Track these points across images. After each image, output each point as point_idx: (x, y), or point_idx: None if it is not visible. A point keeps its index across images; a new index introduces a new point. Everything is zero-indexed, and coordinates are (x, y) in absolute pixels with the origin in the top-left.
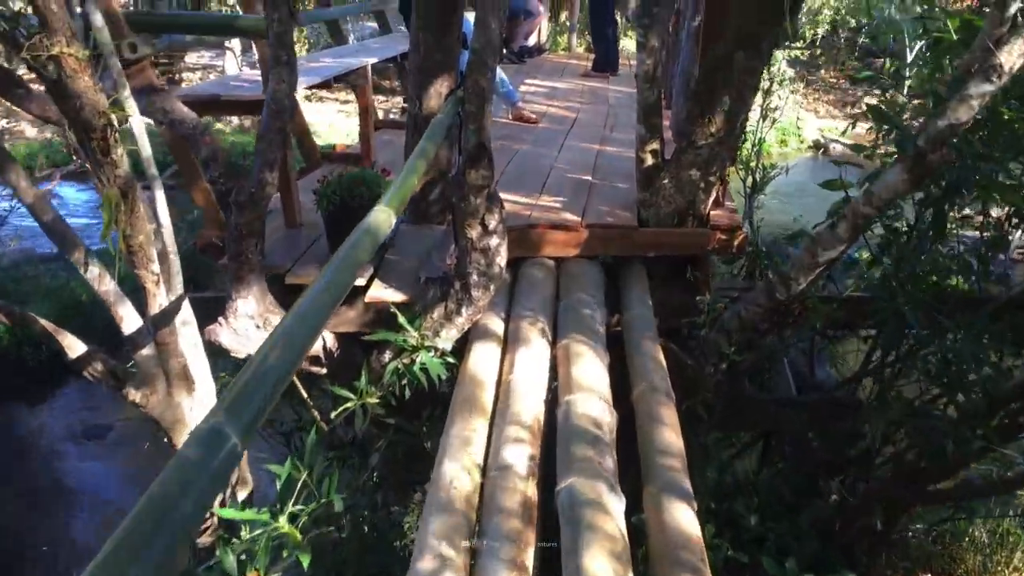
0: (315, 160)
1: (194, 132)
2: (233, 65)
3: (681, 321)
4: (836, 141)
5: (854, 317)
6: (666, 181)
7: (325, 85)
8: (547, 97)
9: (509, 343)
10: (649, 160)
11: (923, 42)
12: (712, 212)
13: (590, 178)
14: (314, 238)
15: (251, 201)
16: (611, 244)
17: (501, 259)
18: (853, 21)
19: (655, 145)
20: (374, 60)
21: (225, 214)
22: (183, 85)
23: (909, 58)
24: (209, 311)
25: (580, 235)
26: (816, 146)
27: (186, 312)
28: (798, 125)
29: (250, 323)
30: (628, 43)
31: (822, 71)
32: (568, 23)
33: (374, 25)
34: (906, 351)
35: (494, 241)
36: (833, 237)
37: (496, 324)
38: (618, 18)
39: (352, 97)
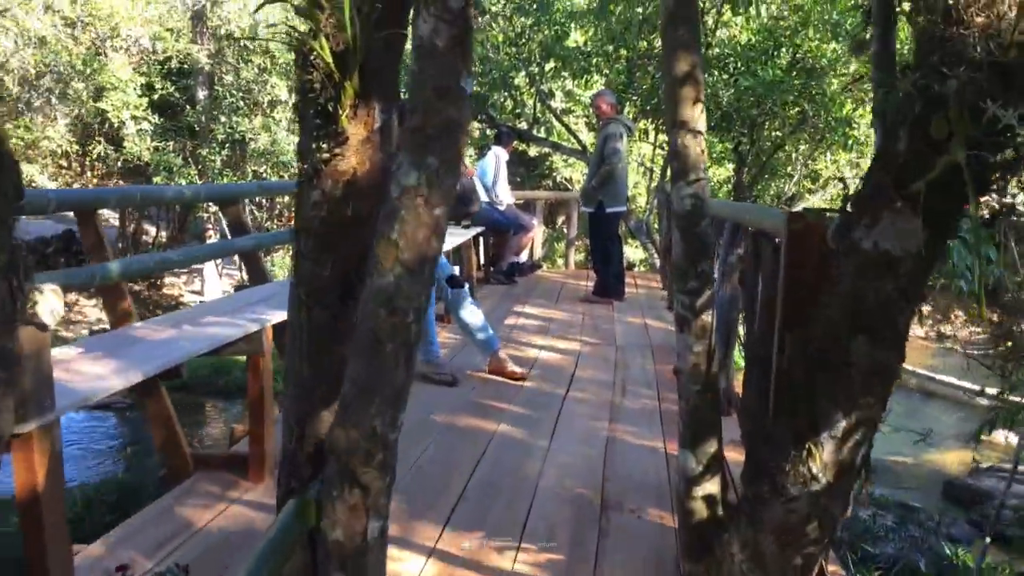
0: (182, 468)
1: None
2: (213, 275)
3: None
4: None
5: None
6: (734, 550)
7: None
8: (540, 332)
9: None
10: (702, 512)
11: None
12: None
13: (598, 499)
14: None
15: None
16: None
17: None
18: None
19: (712, 488)
20: (284, 317)
21: None
22: (158, 312)
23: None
24: None
25: None
26: None
27: None
28: None
29: None
30: (631, 251)
31: None
32: (566, 231)
33: None
34: None
35: None
36: None
37: None
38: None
39: None
